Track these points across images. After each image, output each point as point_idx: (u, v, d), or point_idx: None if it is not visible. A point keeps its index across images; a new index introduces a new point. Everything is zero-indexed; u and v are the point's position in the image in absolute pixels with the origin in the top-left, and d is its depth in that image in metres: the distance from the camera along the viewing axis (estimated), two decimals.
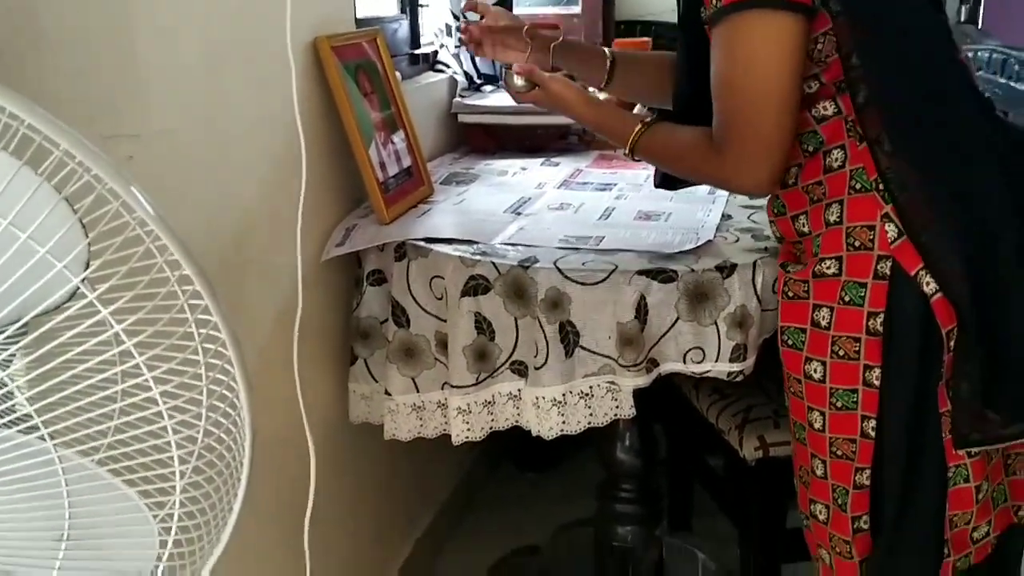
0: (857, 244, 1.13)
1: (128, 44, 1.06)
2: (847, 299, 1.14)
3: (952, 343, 1.10)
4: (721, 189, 1.36)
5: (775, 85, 1.08)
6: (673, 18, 3.01)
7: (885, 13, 1.13)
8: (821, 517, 1.22)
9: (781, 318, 1.21)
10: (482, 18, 1.53)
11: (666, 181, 1.35)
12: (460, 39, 1.58)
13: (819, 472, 1.20)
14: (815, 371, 1.17)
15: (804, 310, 1.17)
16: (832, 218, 1.15)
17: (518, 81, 1.37)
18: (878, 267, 1.12)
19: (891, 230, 1.11)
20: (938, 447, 1.14)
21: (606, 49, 1.53)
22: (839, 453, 1.18)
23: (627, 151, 1.27)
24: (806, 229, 1.19)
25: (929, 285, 1.10)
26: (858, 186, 1.13)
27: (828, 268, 1.15)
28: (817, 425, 1.19)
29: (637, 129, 1.25)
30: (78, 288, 0.57)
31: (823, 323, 1.16)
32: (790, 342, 1.20)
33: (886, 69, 1.11)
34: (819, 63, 1.13)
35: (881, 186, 1.11)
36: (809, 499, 1.24)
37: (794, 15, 1.07)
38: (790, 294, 1.19)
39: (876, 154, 1.11)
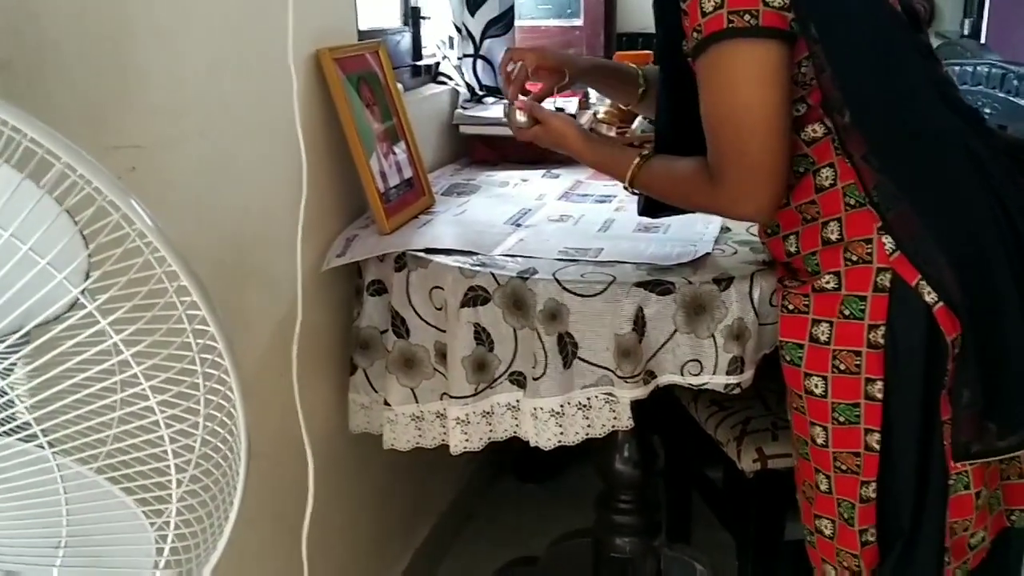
0: (855, 258, 1.14)
1: (131, 55, 1.07)
2: (847, 313, 1.14)
3: (956, 351, 1.11)
4: (722, 216, 1.37)
5: (761, 113, 1.09)
6: None
7: (862, 37, 1.14)
8: (827, 532, 1.23)
9: (781, 333, 1.22)
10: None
11: (648, 210, 1.36)
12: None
13: (824, 487, 1.21)
14: (816, 386, 1.18)
15: (803, 325, 1.18)
16: (832, 236, 1.16)
17: (520, 117, 1.38)
18: (878, 280, 1.13)
19: (888, 242, 1.12)
20: (942, 455, 1.15)
21: (637, 68, 1.54)
22: (843, 467, 1.18)
23: (626, 185, 1.29)
24: (794, 249, 1.20)
25: (930, 295, 1.10)
26: (852, 201, 1.14)
27: (828, 283, 1.16)
28: (820, 440, 1.19)
29: (635, 163, 1.26)
30: (78, 299, 0.58)
31: (823, 338, 1.16)
32: (788, 358, 1.21)
33: (864, 90, 1.13)
34: (804, 86, 1.15)
35: (875, 200, 1.12)
36: (814, 514, 1.24)
37: (775, 42, 1.08)
38: (790, 307, 1.20)
39: (863, 172, 1.12)
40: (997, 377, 1.10)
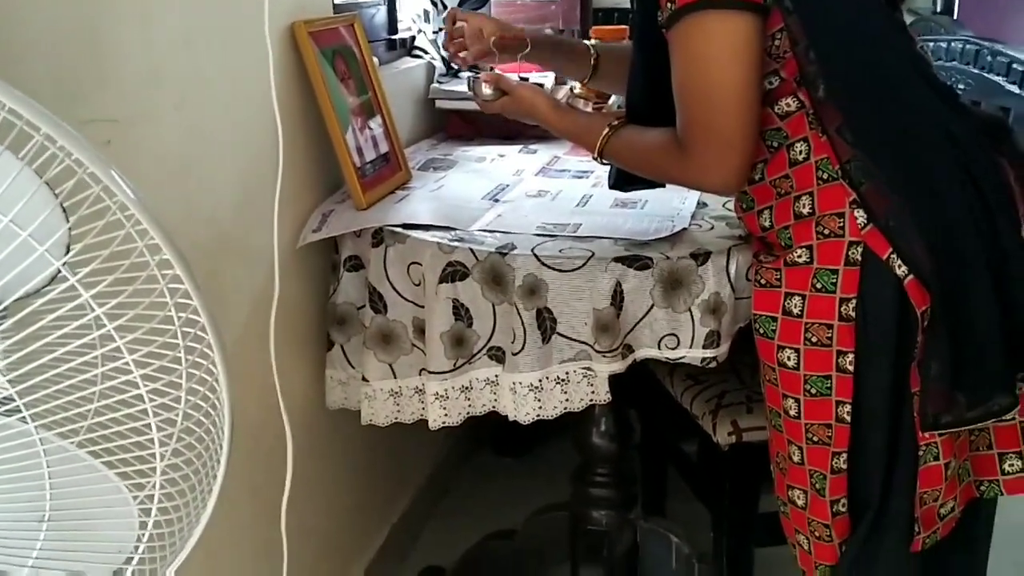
0: (827, 232, 1.15)
1: (104, 28, 1.06)
2: (819, 286, 1.15)
3: (926, 323, 1.13)
4: (690, 189, 1.37)
5: (732, 85, 1.10)
6: None
7: (837, 10, 1.15)
8: (799, 503, 1.25)
9: (754, 306, 1.23)
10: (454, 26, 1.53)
11: (619, 183, 1.36)
12: (445, 51, 1.58)
13: (796, 458, 1.22)
14: (788, 359, 1.19)
15: (776, 299, 1.19)
16: (804, 210, 1.17)
17: (486, 90, 1.38)
18: (849, 253, 1.14)
19: (860, 216, 1.13)
20: (912, 427, 1.16)
21: (589, 43, 1.54)
22: (815, 439, 1.20)
23: (595, 155, 1.29)
24: (768, 223, 1.21)
25: (901, 268, 1.12)
26: (825, 176, 1.15)
27: (800, 257, 1.17)
28: (792, 412, 1.21)
29: (604, 133, 1.26)
30: (59, 271, 0.57)
31: (795, 311, 1.17)
32: (762, 331, 1.22)
33: (840, 64, 1.13)
34: (777, 59, 1.15)
35: (849, 174, 1.13)
36: (787, 485, 1.26)
37: (747, 14, 1.08)
38: (762, 281, 1.21)
39: (837, 146, 1.13)
40: (965, 349, 1.12)
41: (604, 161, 1.30)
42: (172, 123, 1.19)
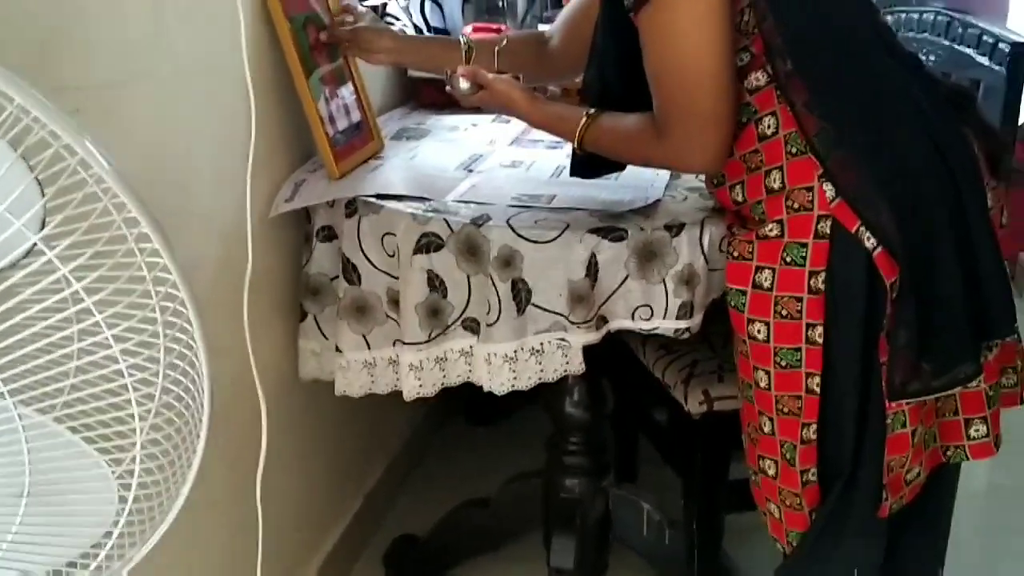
0: (796, 206, 1.16)
1: None
2: (789, 260, 1.16)
3: (894, 295, 1.14)
4: (672, 171, 1.37)
5: (708, 60, 1.10)
6: None
7: None
8: (770, 472, 1.26)
9: (727, 279, 1.24)
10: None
11: (578, 170, 1.37)
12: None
13: (767, 429, 1.24)
14: (759, 332, 1.20)
15: (747, 272, 1.20)
16: (775, 185, 1.17)
17: (463, 84, 1.37)
18: (818, 227, 1.15)
19: (829, 190, 1.14)
20: (880, 397, 1.18)
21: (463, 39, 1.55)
22: (785, 410, 1.21)
23: (576, 146, 1.29)
24: (740, 198, 1.22)
25: (870, 240, 1.13)
26: (794, 150, 1.16)
27: (771, 231, 1.18)
28: (763, 384, 1.22)
29: (582, 122, 1.26)
30: (35, 245, 0.56)
31: (765, 284, 1.19)
32: (734, 303, 1.23)
33: (805, 37, 1.14)
34: (746, 35, 1.16)
35: (817, 147, 1.14)
36: (758, 455, 1.28)
37: None
38: (735, 254, 1.22)
39: (804, 119, 1.14)
40: (932, 319, 1.14)
41: (585, 150, 1.29)
42: (141, 92, 1.17)
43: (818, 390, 1.19)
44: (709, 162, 1.17)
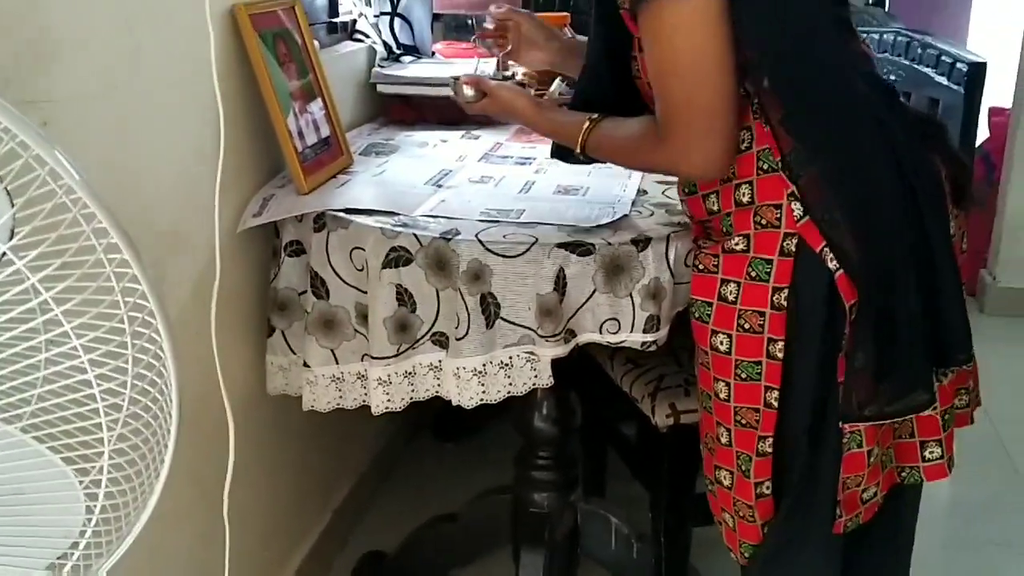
0: (764, 222, 1.17)
1: (43, 8, 1.04)
2: (753, 275, 1.18)
3: (852, 317, 1.16)
4: (673, 175, 1.34)
5: (712, 58, 1.09)
6: None
7: (782, 4, 1.15)
8: (726, 483, 1.28)
9: (692, 291, 1.25)
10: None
11: (560, 152, 1.38)
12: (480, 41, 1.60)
13: (724, 440, 1.26)
14: (721, 343, 1.22)
15: (712, 284, 1.22)
16: (744, 199, 1.19)
17: (467, 91, 1.39)
18: (784, 244, 1.16)
19: (796, 208, 1.15)
20: (837, 415, 1.19)
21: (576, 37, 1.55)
22: (743, 422, 1.23)
23: (578, 151, 1.29)
24: (716, 208, 1.23)
25: (832, 262, 1.14)
26: (765, 167, 1.17)
27: (737, 245, 1.19)
28: (723, 395, 1.24)
29: (585, 128, 1.26)
30: (4, 255, 0.56)
31: (730, 297, 1.20)
32: (698, 315, 1.24)
33: (785, 56, 1.14)
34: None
35: (789, 166, 1.15)
36: (715, 465, 1.29)
37: None
38: (700, 267, 1.24)
39: (779, 137, 1.15)
40: (890, 344, 1.15)
41: (588, 156, 1.29)
42: (110, 105, 1.17)
43: (776, 404, 1.20)
44: (710, 163, 1.15)
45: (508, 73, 2.13)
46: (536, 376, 1.33)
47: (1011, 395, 1.23)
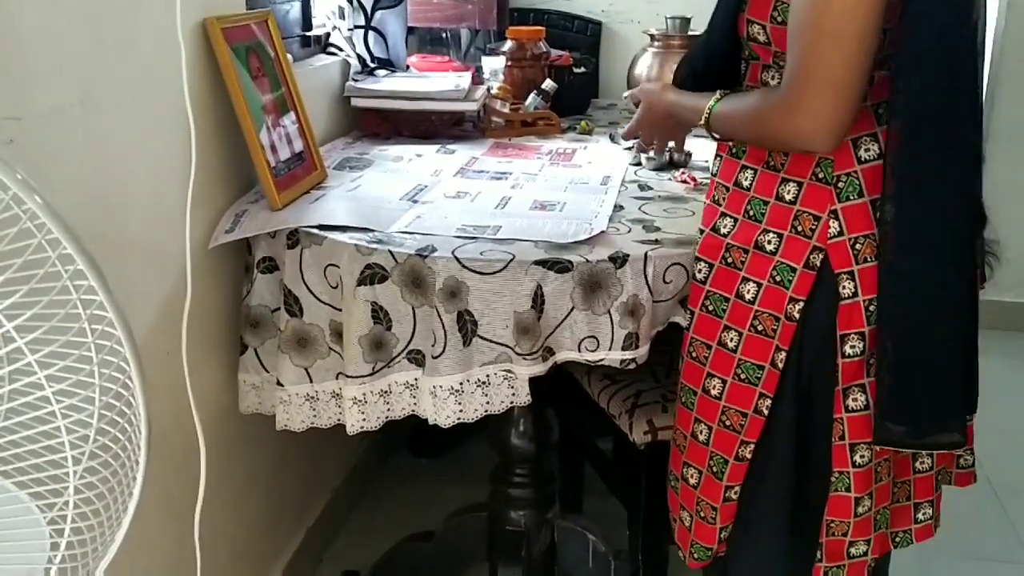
0: (800, 228, 1.16)
1: (8, 21, 1.01)
2: (778, 279, 1.17)
3: (846, 348, 1.15)
4: (790, 145, 1.17)
5: (852, 24, 1.03)
6: (568, 7, 3.03)
7: (944, 39, 1.08)
8: (692, 480, 1.27)
9: (711, 283, 1.23)
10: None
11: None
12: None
13: (702, 438, 1.25)
14: (731, 340, 1.21)
15: (734, 280, 1.21)
16: (788, 196, 1.17)
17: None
18: (810, 257, 1.15)
19: (834, 226, 1.14)
20: (826, 448, 1.18)
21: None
22: (727, 423, 1.22)
23: (703, 123, 1.25)
24: (747, 184, 1.21)
25: (845, 289, 1.14)
26: (820, 175, 1.15)
27: (769, 243, 1.18)
28: (714, 392, 1.23)
29: (711, 102, 1.23)
30: None
31: (748, 296, 1.19)
32: (712, 308, 1.23)
33: (924, 104, 1.10)
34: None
35: (840, 184, 1.13)
36: (683, 462, 1.29)
37: None
38: (728, 260, 1.22)
39: (886, 175, 1.11)
40: (913, 384, 1.14)
41: (713, 129, 1.25)
42: (78, 121, 1.14)
43: (766, 412, 1.20)
44: (833, 131, 1.07)
45: (485, 88, 2.13)
46: (514, 394, 1.31)
47: (982, 406, 1.22)
